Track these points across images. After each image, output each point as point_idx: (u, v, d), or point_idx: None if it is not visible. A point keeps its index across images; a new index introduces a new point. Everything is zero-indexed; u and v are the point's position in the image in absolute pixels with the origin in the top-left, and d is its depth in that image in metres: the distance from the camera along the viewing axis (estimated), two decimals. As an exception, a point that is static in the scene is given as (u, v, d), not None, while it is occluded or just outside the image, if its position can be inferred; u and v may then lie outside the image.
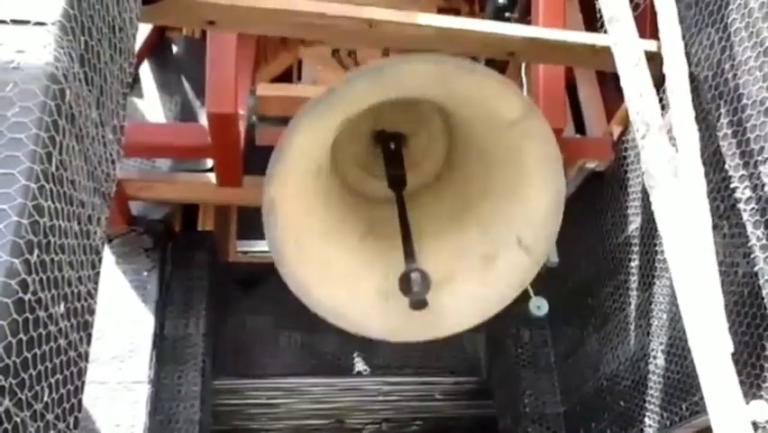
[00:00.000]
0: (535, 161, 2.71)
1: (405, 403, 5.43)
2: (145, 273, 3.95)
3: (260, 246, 5.22)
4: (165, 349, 3.93)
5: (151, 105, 4.41)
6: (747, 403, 1.85)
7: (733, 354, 1.93)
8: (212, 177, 3.85)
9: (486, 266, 2.95)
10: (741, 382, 1.89)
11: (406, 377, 4.81)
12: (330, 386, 4.90)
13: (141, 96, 4.46)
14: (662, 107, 2.31)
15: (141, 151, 3.62)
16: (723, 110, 2.36)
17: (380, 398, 5.24)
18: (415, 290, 2.61)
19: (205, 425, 3.97)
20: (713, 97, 2.42)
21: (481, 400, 5.15)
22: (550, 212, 2.78)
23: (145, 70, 4.54)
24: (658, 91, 2.26)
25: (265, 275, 4.66)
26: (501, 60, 3.46)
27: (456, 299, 2.91)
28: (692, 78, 2.44)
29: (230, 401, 4.90)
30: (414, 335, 2.95)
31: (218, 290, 4.39)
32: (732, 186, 2.39)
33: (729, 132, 2.36)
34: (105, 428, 3.51)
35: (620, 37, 2.02)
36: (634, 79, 1.78)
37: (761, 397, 2.20)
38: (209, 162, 4.03)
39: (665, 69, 2.06)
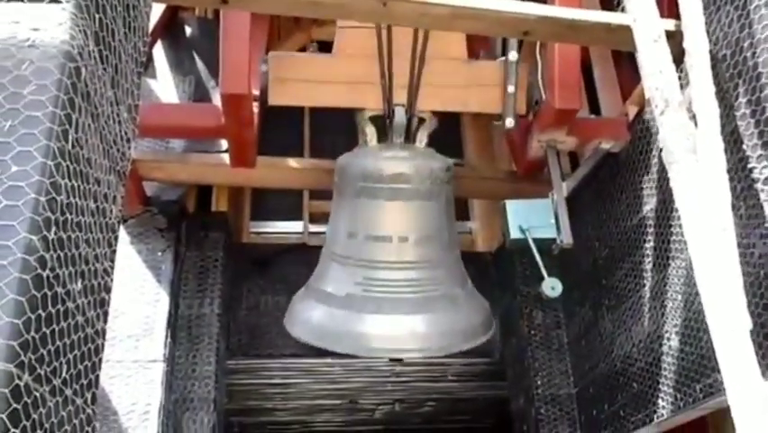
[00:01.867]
0: None
1: (417, 384, 5.46)
2: (160, 253, 3.97)
3: (273, 227, 5.25)
4: (180, 328, 3.97)
5: (165, 85, 4.42)
6: (765, 380, 1.84)
7: (750, 333, 1.92)
8: (226, 158, 3.87)
9: None
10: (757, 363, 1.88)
11: (419, 358, 4.81)
12: (343, 366, 4.93)
13: (154, 76, 4.47)
14: (681, 87, 2.28)
15: (154, 131, 3.64)
16: (741, 89, 2.33)
17: (393, 379, 5.27)
18: None
19: (219, 404, 4.02)
20: (731, 76, 2.39)
21: (494, 382, 5.17)
22: None
23: (159, 51, 4.54)
24: (676, 70, 2.24)
25: (278, 256, 4.69)
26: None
27: None
28: (711, 57, 2.41)
29: (244, 381, 4.94)
30: None
31: (232, 270, 4.41)
32: (749, 166, 2.36)
33: (748, 111, 2.33)
34: (121, 405, 3.55)
35: (640, 13, 1.98)
36: (653, 55, 1.75)
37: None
38: (223, 144, 4.04)
39: (685, 45, 2.03)
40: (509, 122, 3.52)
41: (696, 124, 1.82)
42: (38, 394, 1.28)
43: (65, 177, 1.41)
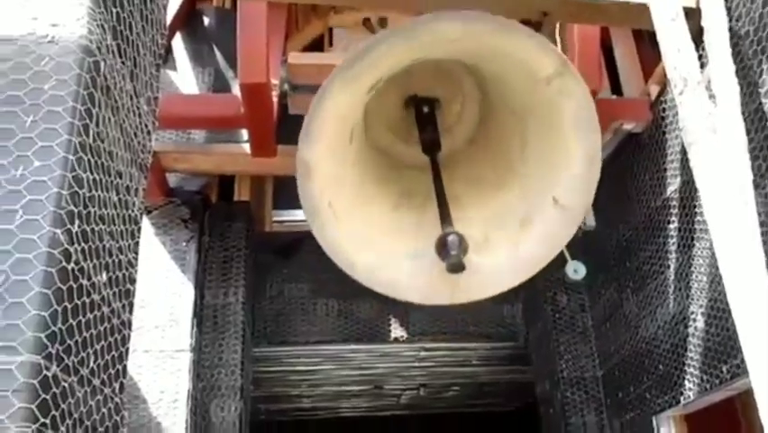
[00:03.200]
0: (571, 118, 2.64)
1: (442, 369, 5.47)
2: (184, 244, 4.01)
3: (296, 216, 5.27)
4: (206, 318, 4.01)
5: (185, 77, 4.44)
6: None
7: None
8: (247, 147, 3.88)
9: (523, 228, 2.90)
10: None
11: (443, 343, 4.82)
12: (368, 352, 4.95)
13: (174, 68, 4.49)
14: (701, 65, 2.25)
15: (175, 122, 3.66)
16: (765, 65, 2.29)
17: (417, 364, 5.28)
18: (452, 252, 2.58)
19: (246, 391, 4.06)
20: (755, 53, 2.35)
21: (519, 366, 5.16)
22: (586, 169, 2.71)
23: (177, 43, 4.56)
24: (697, 48, 2.21)
25: (301, 244, 4.71)
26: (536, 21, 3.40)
27: (492, 261, 2.87)
28: (733, 34, 2.37)
29: (269, 369, 4.99)
30: (449, 298, 2.93)
31: (255, 259, 4.44)
32: (774, 143, 2.32)
33: (772, 88, 2.29)
34: (150, 394, 3.60)
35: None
36: (671, 34, 1.73)
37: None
38: (244, 134, 4.06)
39: (703, 22, 2.00)
40: None
41: (715, 104, 1.79)
42: (66, 384, 1.31)
43: (87, 170, 1.43)
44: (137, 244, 1.78)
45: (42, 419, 1.20)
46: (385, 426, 7.09)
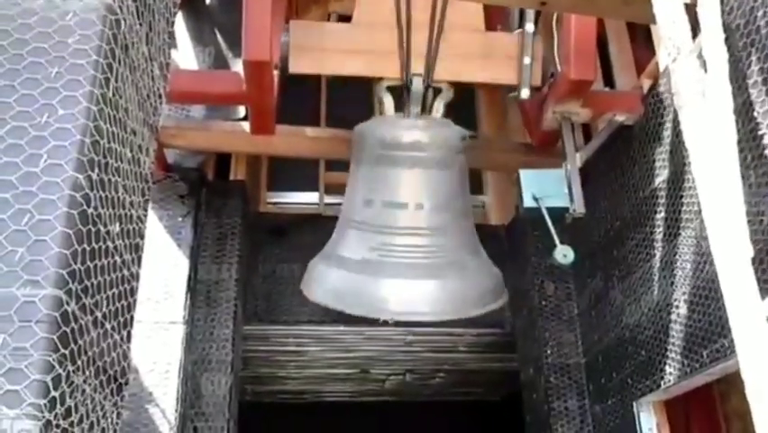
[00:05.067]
0: None
1: (428, 355, 5.55)
2: (180, 219, 4.07)
3: (290, 197, 5.35)
4: (199, 292, 4.07)
5: (185, 55, 4.49)
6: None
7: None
8: (245, 126, 3.94)
9: None
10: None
11: (431, 327, 4.90)
12: (356, 334, 5.02)
13: (175, 46, 4.54)
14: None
15: (177, 98, 3.71)
16: (754, 57, 2.38)
17: (404, 348, 5.36)
18: None
19: (236, 367, 4.12)
20: (744, 45, 2.44)
21: (505, 354, 5.24)
22: None
23: (178, 22, 4.60)
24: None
25: (295, 225, 4.78)
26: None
27: None
28: (725, 27, 2.45)
29: (258, 347, 5.05)
30: None
31: (249, 238, 4.50)
32: (760, 133, 2.42)
33: (759, 79, 2.38)
34: (143, 364, 3.66)
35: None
36: (667, 7, 1.82)
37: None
38: (241, 111, 4.12)
39: (695, -6, 2.10)
40: (525, 92, 3.58)
41: (705, 70, 1.90)
42: (83, 322, 1.37)
43: (106, 122, 1.50)
44: (147, 201, 1.85)
45: (62, 350, 1.27)
46: (370, 412, 7.15)
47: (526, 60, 3.59)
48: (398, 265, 3.35)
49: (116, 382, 1.61)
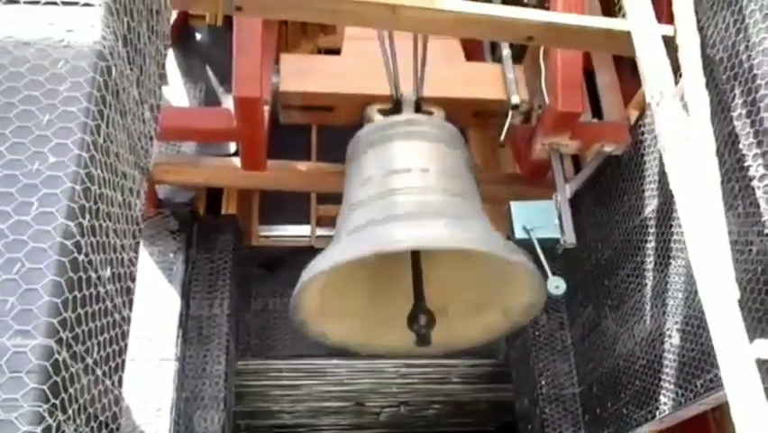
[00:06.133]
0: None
1: (422, 386, 5.52)
2: (171, 255, 4.06)
3: (281, 231, 5.35)
4: (191, 328, 4.04)
5: (177, 91, 4.52)
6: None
7: (748, 332, 1.99)
8: (236, 161, 3.96)
9: (475, 312, 3.56)
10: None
11: (424, 360, 4.89)
12: (349, 368, 5.00)
13: (166, 83, 4.57)
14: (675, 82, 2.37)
15: (168, 134, 3.73)
16: (737, 90, 2.42)
17: (398, 380, 5.33)
18: (422, 330, 3.14)
19: (229, 403, 4.09)
20: (728, 78, 2.48)
21: (499, 384, 5.23)
22: (531, 304, 3.34)
23: (169, 58, 4.65)
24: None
25: (287, 259, 4.78)
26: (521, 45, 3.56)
27: (444, 328, 3.32)
28: (708, 60, 2.50)
29: (251, 382, 5.01)
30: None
31: (241, 272, 4.49)
32: (746, 165, 2.45)
33: (744, 111, 2.42)
34: (134, 402, 3.63)
35: (639, 18, 2.09)
36: (650, 51, 1.86)
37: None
38: (232, 147, 4.14)
39: (678, 41, 2.14)
40: (515, 99, 3.64)
41: (688, 114, 1.94)
42: (74, 370, 1.37)
43: (97, 168, 1.51)
44: (137, 244, 1.85)
45: (53, 400, 1.26)
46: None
47: (510, 75, 3.69)
48: (409, 215, 3.02)
49: (108, 427, 1.60)
